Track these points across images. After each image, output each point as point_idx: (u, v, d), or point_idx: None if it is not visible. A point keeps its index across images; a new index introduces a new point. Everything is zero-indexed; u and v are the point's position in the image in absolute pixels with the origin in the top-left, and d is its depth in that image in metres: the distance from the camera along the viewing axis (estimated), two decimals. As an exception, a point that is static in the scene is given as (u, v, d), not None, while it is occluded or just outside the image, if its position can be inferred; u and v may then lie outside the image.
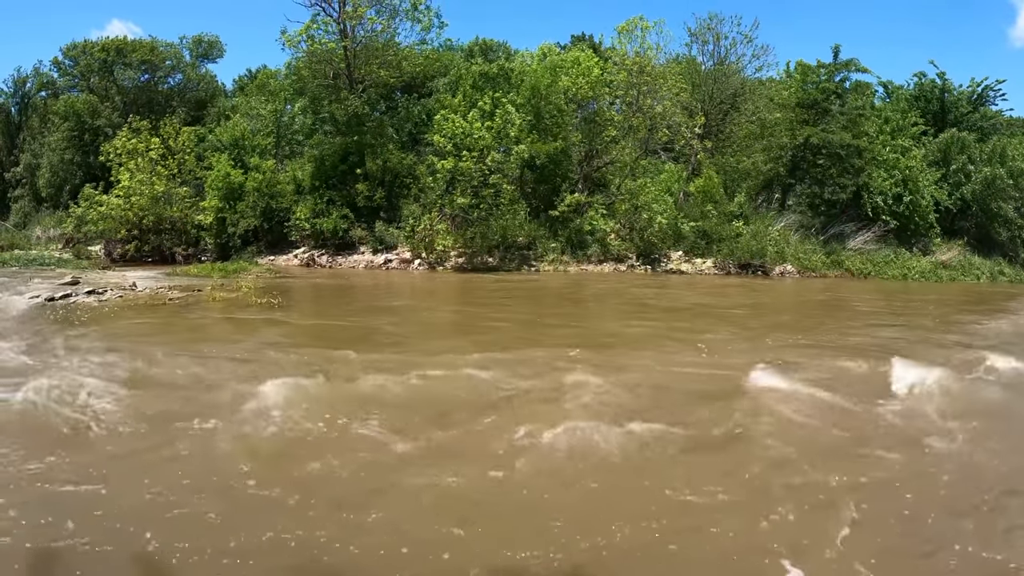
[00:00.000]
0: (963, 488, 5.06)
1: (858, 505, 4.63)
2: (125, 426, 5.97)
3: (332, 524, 4.27)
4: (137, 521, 4.24)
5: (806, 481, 5.04)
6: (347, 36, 25.24)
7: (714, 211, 24.68)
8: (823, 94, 26.62)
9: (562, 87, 25.02)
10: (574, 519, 4.42)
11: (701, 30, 29.13)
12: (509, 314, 13.91)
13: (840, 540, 4.17)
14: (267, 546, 4.01)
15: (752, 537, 4.22)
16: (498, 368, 7.83)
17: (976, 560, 4.04)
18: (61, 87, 39.82)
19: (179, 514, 4.36)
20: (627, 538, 4.18)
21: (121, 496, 4.61)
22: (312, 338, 10.56)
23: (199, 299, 14.90)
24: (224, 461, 5.23)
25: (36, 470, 4.97)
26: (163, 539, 4.04)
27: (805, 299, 18.05)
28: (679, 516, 4.50)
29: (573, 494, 4.80)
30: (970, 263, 27.08)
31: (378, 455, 5.41)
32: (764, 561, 3.95)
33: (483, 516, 4.48)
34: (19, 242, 31.36)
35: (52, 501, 4.52)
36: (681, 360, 8.79)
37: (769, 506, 4.60)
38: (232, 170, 26.00)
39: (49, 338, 9.76)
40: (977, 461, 5.58)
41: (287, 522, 4.26)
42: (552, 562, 3.88)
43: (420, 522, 4.35)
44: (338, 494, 4.70)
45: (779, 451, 5.61)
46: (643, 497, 4.74)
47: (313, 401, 6.56)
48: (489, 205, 23.17)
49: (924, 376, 7.81)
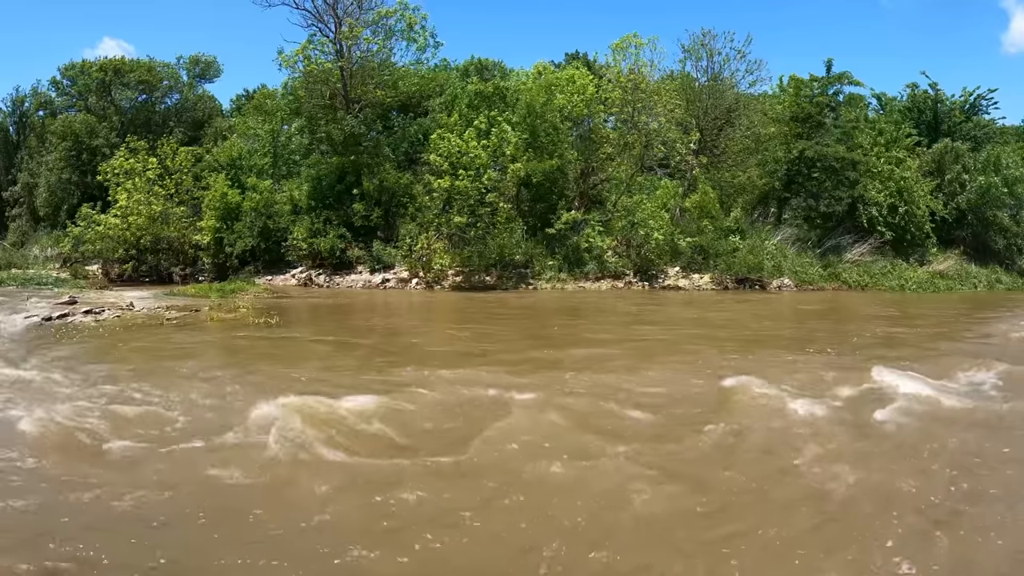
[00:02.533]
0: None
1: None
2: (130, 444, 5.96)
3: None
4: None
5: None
6: (343, 56, 25.42)
7: (710, 226, 24.74)
8: (817, 107, 26.79)
9: (557, 105, 25.13)
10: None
11: (694, 46, 29.29)
12: (509, 333, 13.91)
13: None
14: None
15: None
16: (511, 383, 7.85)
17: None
18: (59, 106, 40.02)
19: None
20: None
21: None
22: (305, 358, 10.54)
23: (197, 319, 14.92)
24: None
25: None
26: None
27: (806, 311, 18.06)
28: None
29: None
30: (967, 272, 27.13)
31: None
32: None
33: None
34: (16, 261, 31.34)
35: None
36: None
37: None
38: (229, 190, 26.11)
39: (45, 358, 9.76)
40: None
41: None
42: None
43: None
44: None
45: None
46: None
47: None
48: (486, 224, 23.23)
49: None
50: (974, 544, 4.48)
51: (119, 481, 5.38)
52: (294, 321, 15.65)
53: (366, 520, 4.80)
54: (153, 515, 4.82)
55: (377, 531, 4.63)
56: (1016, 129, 39.74)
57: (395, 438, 6.48)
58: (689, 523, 4.80)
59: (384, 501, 5.03)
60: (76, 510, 4.89)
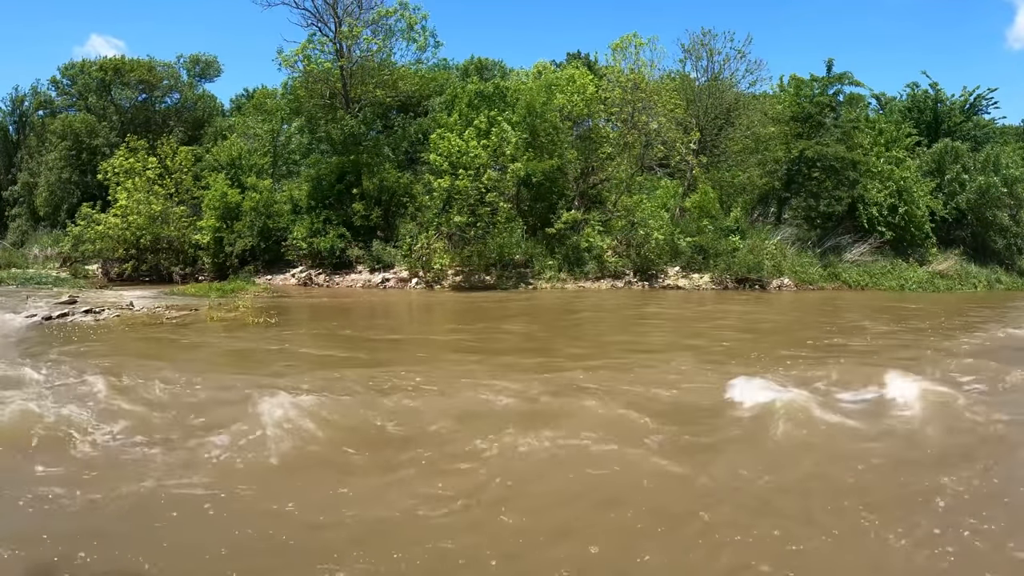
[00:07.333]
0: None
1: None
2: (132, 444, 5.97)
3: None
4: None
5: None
6: (343, 56, 25.40)
7: (710, 226, 24.73)
8: (817, 107, 26.79)
9: (557, 105, 25.13)
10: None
11: (694, 46, 29.29)
12: (512, 332, 13.91)
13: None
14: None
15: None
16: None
17: None
18: (59, 106, 40.00)
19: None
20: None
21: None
22: (303, 359, 10.54)
23: (197, 318, 14.92)
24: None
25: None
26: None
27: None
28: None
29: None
30: (967, 272, 27.15)
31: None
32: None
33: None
34: (16, 261, 31.30)
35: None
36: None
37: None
38: (229, 190, 26.09)
39: (46, 357, 9.76)
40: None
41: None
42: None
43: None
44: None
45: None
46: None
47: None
48: (486, 223, 23.20)
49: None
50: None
51: (105, 478, 5.39)
52: (294, 321, 15.64)
53: (366, 517, 4.80)
54: (152, 516, 4.82)
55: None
56: (1016, 129, 39.87)
57: (398, 436, 6.48)
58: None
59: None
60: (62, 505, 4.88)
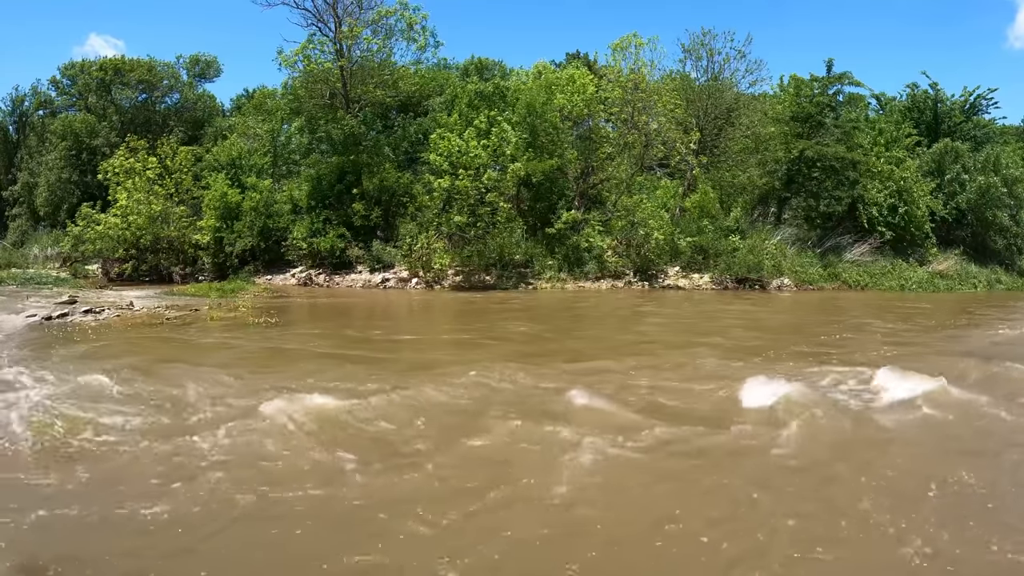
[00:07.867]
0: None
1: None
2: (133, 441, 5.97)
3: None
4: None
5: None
6: (343, 56, 25.39)
7: (710, 226, 24.74)
8: (817, 107, 26.77)
9: (557, 105, 25.13)
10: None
11: (694, 46, 29.39)
12: (515, 331, 13.91)
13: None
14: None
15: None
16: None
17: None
18: (59, 106, 40.04)
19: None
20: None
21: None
22: (303, 358, 10.54)
23: (197, 318, 14.92)
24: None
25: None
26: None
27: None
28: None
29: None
30: (967, 272, 27.13)
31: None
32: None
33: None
34: (16, 261, 31.28)
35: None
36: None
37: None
38: (229, 190, 26.08)
39: (46, 357, 9.76)
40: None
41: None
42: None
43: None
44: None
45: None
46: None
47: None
48: (486, 223, 23.20)
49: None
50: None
51: (101, 478, 5.40)
52: (294, 320, 15.65)
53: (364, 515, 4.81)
54: (151, 514, 4.82)
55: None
56: (1016, 129, 39.85)
57: (395, 437, 6.49)
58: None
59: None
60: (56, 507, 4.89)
